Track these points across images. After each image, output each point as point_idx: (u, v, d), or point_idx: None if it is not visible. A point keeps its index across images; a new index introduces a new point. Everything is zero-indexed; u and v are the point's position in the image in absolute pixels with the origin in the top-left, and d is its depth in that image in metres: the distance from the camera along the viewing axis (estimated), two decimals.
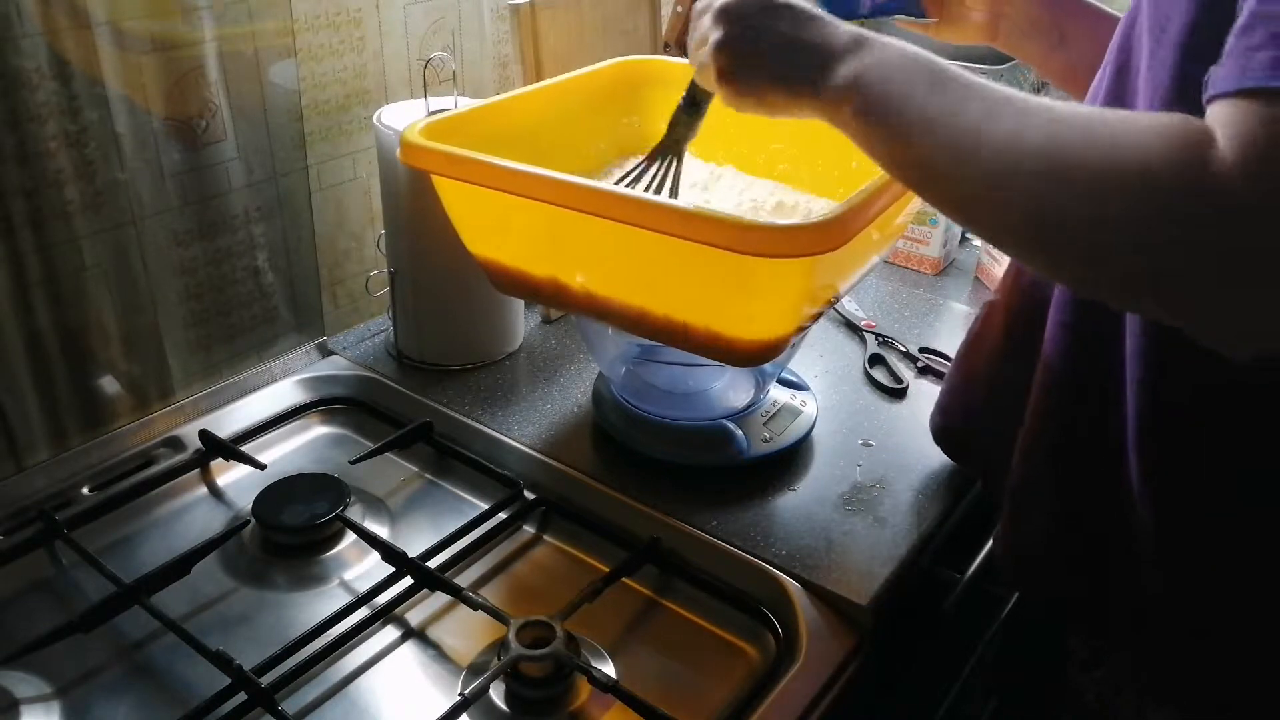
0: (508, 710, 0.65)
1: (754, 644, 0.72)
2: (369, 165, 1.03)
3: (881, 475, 0.85)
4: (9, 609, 0.73)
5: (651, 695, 0.64)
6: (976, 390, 0.79)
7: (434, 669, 0.69)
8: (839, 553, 0.76)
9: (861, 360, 1.02)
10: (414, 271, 0.96)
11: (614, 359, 0.91)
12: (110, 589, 0.70)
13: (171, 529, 0.81)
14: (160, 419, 0.89)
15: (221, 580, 0.75)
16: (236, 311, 0.94)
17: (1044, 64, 0.83)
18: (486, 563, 0.78)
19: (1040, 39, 0.80)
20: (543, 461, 0.85)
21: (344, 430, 0.94)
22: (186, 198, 0.87)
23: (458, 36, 1.08)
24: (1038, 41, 0.81)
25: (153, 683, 0.67)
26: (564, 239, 0.75)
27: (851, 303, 1.12)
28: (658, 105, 0.98)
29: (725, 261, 0.63)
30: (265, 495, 0.80)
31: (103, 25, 0.77)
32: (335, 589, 0.75)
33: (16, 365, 0.79)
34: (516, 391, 0.95)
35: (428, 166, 0.76)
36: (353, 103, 1.00)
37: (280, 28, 0.90)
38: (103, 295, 0.83)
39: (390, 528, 0.82)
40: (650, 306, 0.73)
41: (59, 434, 0.83)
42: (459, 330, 0.99)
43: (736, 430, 0.85)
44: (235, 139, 0.89)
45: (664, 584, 0.76)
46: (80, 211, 0.80)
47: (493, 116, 0.85)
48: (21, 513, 0.78)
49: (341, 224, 1.03)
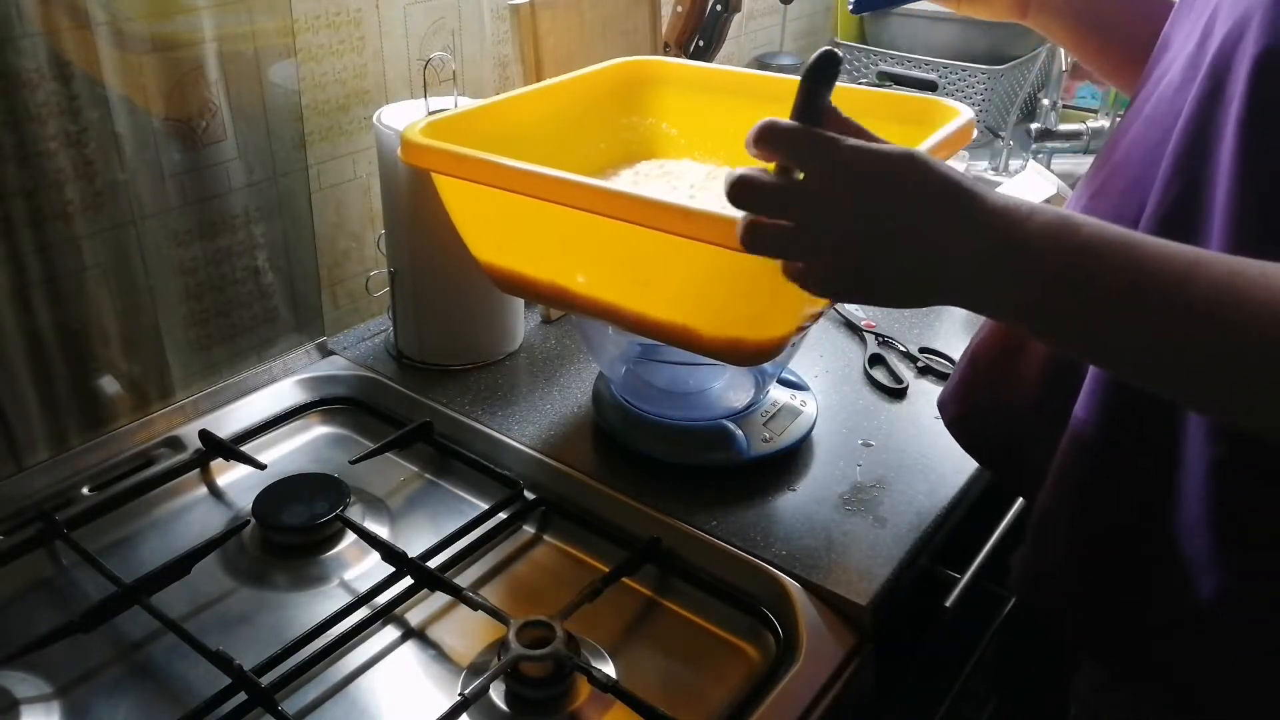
0: (508, 710, 0.65)
1: (754, 644, 0.72)
2: (369, 165, 1.03)
3: (881, 475, 0.85)
4: (9, 609, 0.73)
5: (651, 695, 0.64)
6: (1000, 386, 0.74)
7: (434, 669, 0.69)
8: (839, 553, 0.76)
9: (861, 360, 1.02)
10: (414, 271, 0.96)
11: (614, 359, 0.91)
12: (110, 589, 0.70)
13: (171, 529, 0.81)
14: (160, 419, 0.89)
15: (221, 580, 0.75)
16: (236, 311, 0.94)
17: (1078, 46, 0.79)
18: (486, 563, 0.78)
19: (1074, 18, 0.77)
20: (543, 461, 0.85)
21: (344, 430, 0.94)
22: (186, 198, 0.87)
23: (458, 36, 1.08)
24: (1072, 21, 0.77)
25: (153, 683, 0.67)
26: (564, 238, 0.75)
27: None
28: (658, 105, 0.99)
29: (725, 260, 0.63)
30: (265, 495, 0.80)
31: (103, 25, 0.77)
32: (335, 589, 0.75)
33: (16, 365, 0.79)
34: (516, 391, 0.95)
35: (428, 165, 0.76)
36: (353, 103, 1.00)
37: (280, 28, 0.90)
38: (103, 295, 0.83)
39: (390, 528, 0.82)
40: (650, 306, 0.73)
41: (59, 434, 0.83)
42: (459, 330, 0.99)
43: (736, 430, 0.85)
44: (235, 139, 0.89)
45: (664, 584, 0.76)
46: (80, 211, 0.80)
47: (493, 116, 0.85)
48: (21, 513, 0.78)
49: (341, 224, 1.03)
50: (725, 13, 1.19)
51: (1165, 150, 0.57)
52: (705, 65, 1.06)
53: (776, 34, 1.63)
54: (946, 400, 0.80)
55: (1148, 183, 0.58)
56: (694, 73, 0.99)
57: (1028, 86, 1.63)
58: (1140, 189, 0.59)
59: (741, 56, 1.59)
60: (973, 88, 1.59)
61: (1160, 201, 0.57)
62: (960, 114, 0.78)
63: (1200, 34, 0.58)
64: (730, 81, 0.96)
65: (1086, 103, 1.73)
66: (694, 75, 0.99)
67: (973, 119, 0.78)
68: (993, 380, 0.75)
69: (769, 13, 1.62)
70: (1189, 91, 0.56)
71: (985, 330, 0.76)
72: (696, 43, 1.20)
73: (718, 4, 1.18)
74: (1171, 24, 0.66)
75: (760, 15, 1.61)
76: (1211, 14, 0.57)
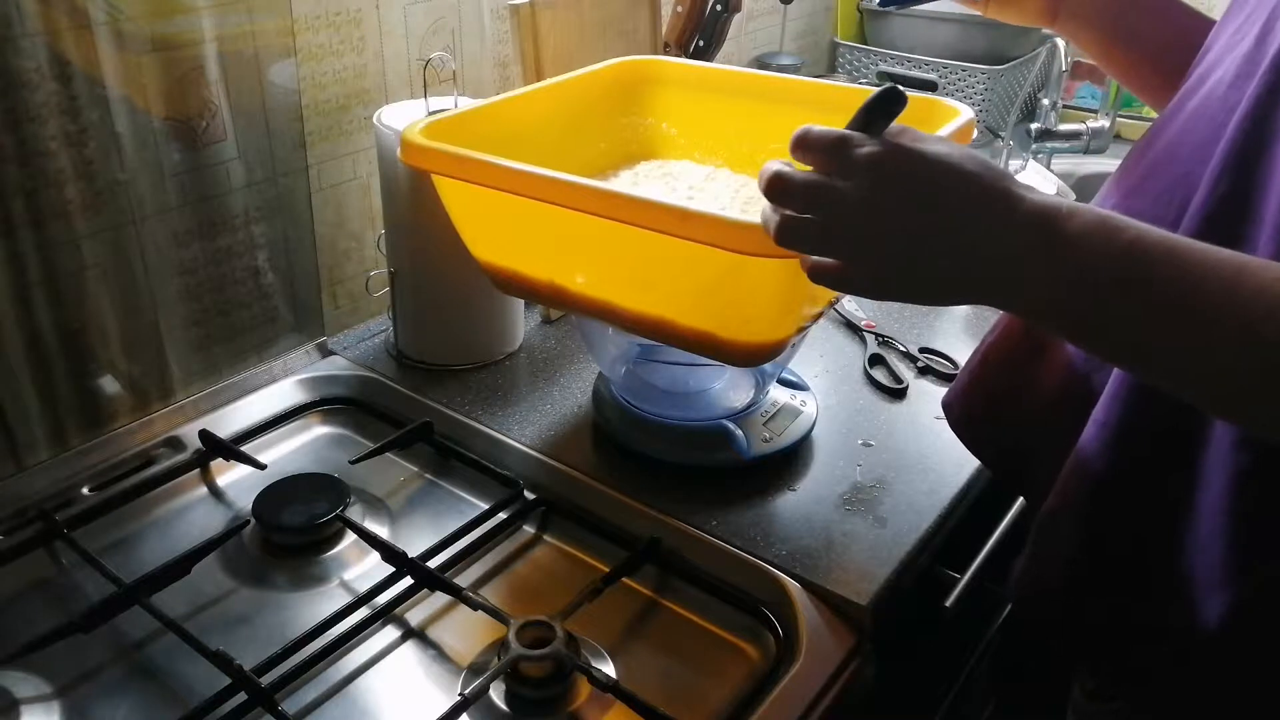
0: (508, 710, 0.65)
1: (754, 644, 0.72)
2: (369, 165, 1.03)
3: (881, 475, 0.85)
4: (9, 609, 0.73)
5: (651, 695, 0.64)
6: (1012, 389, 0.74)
7: (434, 669, 0.69)
8: (839, 553, 0.76)
9: (861, 360, 1.02)
10: (414, 271, 0.96)
11: (614, 359, 0.91)
12: (110, 589, 0.70)
13: (171, 529, 0.81)
14: (160, 419, 0.89)
15: (221, 580, 0.75)
16: (236, 311, 0.94)
17: (1105, 57, 0.78)
18: (486, 563, 0.78)
19: (1104, 28, 0.75)
20: (543, 461, 0.85)
21: (344, 430, 0.94)
22: (186, 198, 0.87)
23: (458, 36, 1.08)
24: (1101, 31, 0.75)
25: (153, 683, 0.67)
26: (564, 239, 0.75)
27: (851, 303, 1.12)
28: (658, 105, 0.99)
29: (725, 261, 0.63)
30: (265, 495, 0.80)
31: (103, 25, 0.77)
32: (335, 589, 0.75)
33: (16, 365, 0.79)
34: (516, 391, 0.95)
35: (428, 166, 0.76)
36: (353, 103, 1.00)
37: (280, 28, 0.90)
38: (103, 295, 0.83)
39: (390, 528, 0.82)
40: (650, 306, 0.73)
41: (59, 434, 0.83)
42: (459, 330, 0.99)
43: (736, 430, 0.85)
44: (235, 139, 0.89)
45: (664, 584, 0.76)
46: (80, 211, 0.80)
47: (493, 116, 0.85)
48: (21, 513, 0.78)
49: (341, 224, 1.03)
50: (725, 13, 1.19)
51: (1215, 148, 0.55)
52: (705, 65, 1.06)
53: (776, 34, 1.63)
54: (953, 400, 0.80)
55: (1194, 180, 0.56)
56: (694, 73, 0.99)
57: (1028, 86, 1.63)
58: (1185, 186, 0.57)
59: (741, 56, 1.59)
60: (973, 88, 1.59)
61: (1207, 199, 0.55)
62: (960, 114, 0.78)
63: (1259, 31, 0.56)
64: (730, 81, 0.96)
65: (1086, 103, 1.73)
66: (694, 75, 0.99)
67: (973, 119, 0.78)
68: (1004, 383, 0.74)
69: (769, 13, 1.62)
70: (1245, 88, 0.55)
71: (998, 332, 0.75)
72: (696, 43, 1.20)
73: (718, 4, 1.18)
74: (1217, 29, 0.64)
75: (760, 15, 1.61)
76: (1272, 12, 0.56)
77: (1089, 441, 0.62)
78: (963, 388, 0.79)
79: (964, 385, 0.79)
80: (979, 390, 0.77)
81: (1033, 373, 0.71)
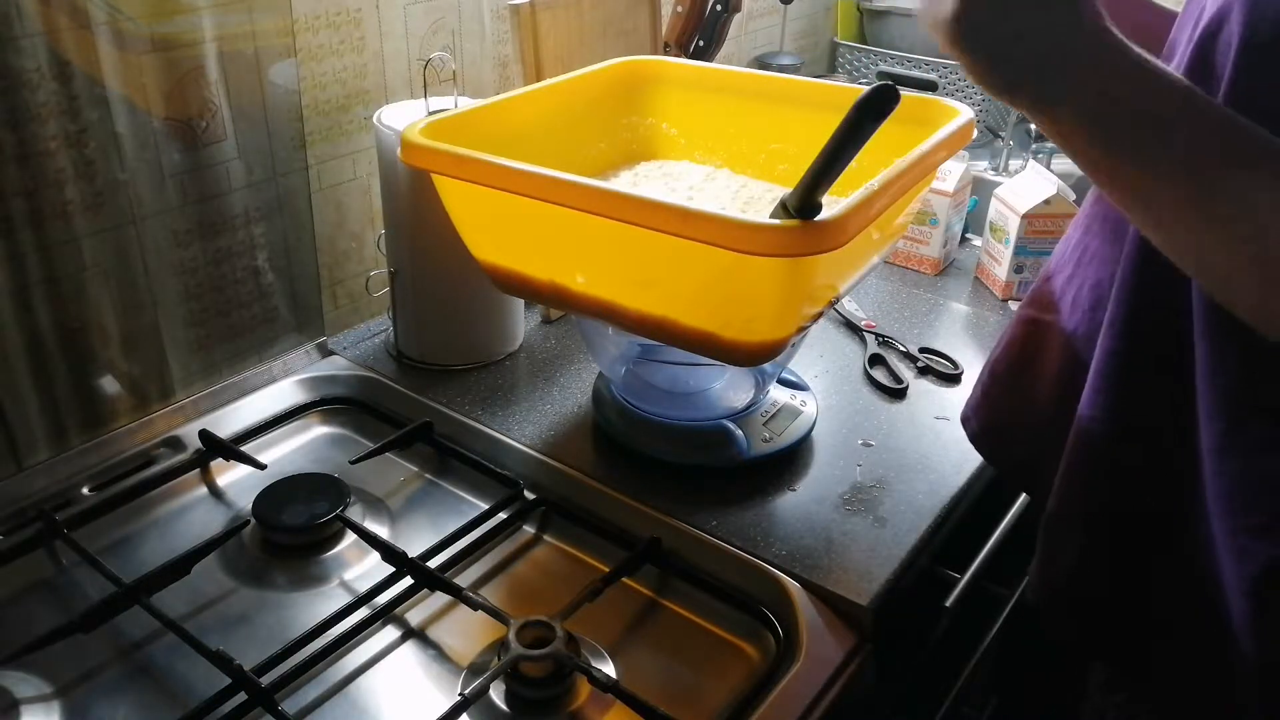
0: (508, 710, 0.65)
1: (754, 644, 0.72)
2: (369, 165, 1.03)
3: (881, 475, 0.85)
4: (9, 609, 0.73)
5: (651, 695, 0.64)
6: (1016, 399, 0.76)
7: (434, 669, 0.69)
8: (839, 553, 0.76)
9: (861, 360, 1.02)
10: (414, 271, 0.96)
11: (614, 359, 0.91)
12: (110, 589, 0.70)
13: (171, 529, 0.81)
14: (160, 419, 0.89)
15: (221, 580, 0.75)
16: (236, 311, 0.94)
17: None
18: (486, 563, 0.78)
19: None
20: (543, 461, 0.85)
21: (344, 430, 0.94)
22: (186, 198, 0.87)
23: (458, 36, 1.08)
24: None
25: (153, 683, 0.67)
26: (564, 238, 0.75)
27: (851, 303, 1.12)
28: (658, 105, 0.99)
29: (725, 261, 0.63)
30: (265, 495, 0.80)
31: (103, 25, 0.77)
32: (335, 589, 0.75)
33: (16, 365, 0.79)
34: (516, 391, 0.95)
35: (428, 166, 0.76)
36: (353, 103, 1.00)
37: (280, 28, 0.90)
38: (103, 295, 0.83)
39: (390, 528, 0.82)
40: (650, 306, 0.73)
41: (59, 434, 0.83)
42: (459, 330, 0.99)
43: (736, 430, 0.85)
44: (235, 139, 0.89)
45: (664, 584, 0.76)
46: (80, 211, 0.80)
47: (493, 116, 0.85)
48: (21, 513, 0.78)
49: (341, 224, 1.03)
50: (725, 13, 1.19)
51: None
52: (705, 65, 1.06)
53: (776, 34, 1.63)
54: (969, 415, 0.82)
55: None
56: (694, 73, 0.99)
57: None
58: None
59: (741, 56, 1.59)
60: (973, 87, 1.59)
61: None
62: (960, 114, 0.78)
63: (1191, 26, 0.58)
64: (730, 81, 0.96)
65: None
66: (694, 75, 0.99)
67: (973, 119, 0.78)
68: (1010, 393, 0.76)
69: (769, 13, 1.62)
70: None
71: (1002, 344, 0.77)
72: (696, 43, 1.20)
73: (718, 4, 1.18)
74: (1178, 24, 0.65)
75: (760, 15, 1.61)
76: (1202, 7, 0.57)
77: (1078, 434, 0.63)
78: (976, 403, 0.81)
79: (976, 400, 0.81)
80: (990, 403, 0.79)
81: (1034, 381, 0.72)
